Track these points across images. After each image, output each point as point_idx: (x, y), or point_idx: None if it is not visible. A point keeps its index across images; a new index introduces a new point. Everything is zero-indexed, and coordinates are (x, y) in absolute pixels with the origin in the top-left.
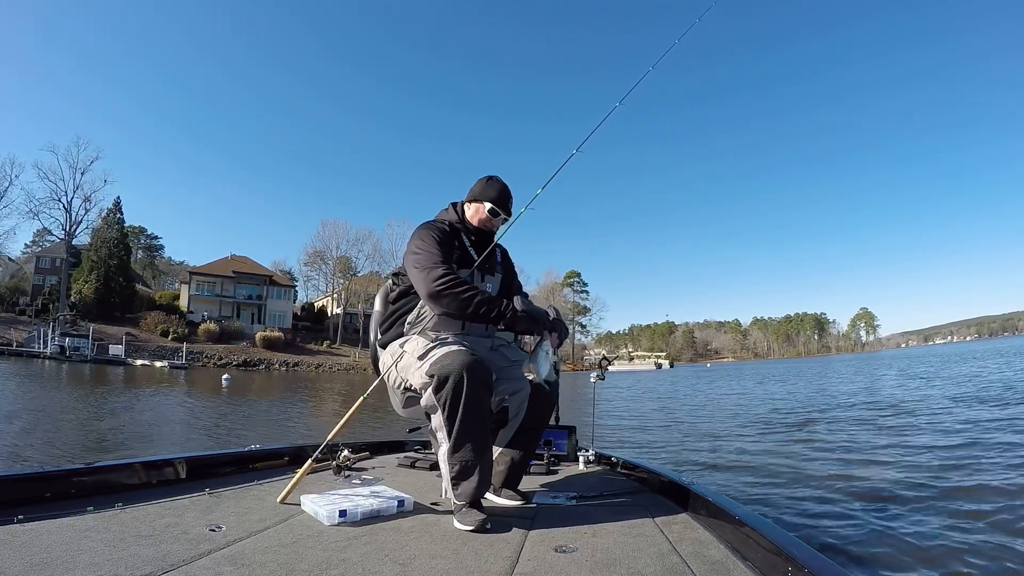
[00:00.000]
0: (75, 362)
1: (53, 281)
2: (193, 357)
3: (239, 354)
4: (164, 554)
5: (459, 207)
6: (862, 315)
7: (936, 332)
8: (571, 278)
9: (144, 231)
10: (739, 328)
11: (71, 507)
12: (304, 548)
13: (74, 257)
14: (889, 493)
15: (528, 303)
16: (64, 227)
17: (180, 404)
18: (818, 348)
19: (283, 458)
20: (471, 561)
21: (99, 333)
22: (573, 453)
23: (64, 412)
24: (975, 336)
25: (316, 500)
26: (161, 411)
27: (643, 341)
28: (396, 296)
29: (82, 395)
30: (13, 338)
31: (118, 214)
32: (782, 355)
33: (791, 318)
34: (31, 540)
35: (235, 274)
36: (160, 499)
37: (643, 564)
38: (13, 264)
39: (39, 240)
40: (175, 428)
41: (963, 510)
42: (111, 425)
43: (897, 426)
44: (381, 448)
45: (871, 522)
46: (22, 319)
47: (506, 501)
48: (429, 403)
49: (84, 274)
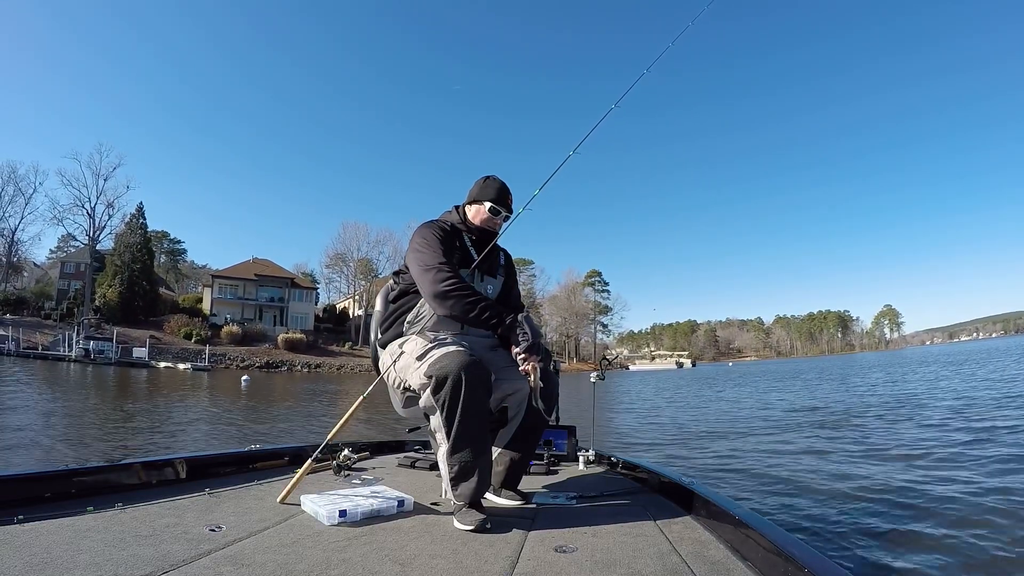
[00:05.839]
0: (100, 364)
1: (78, 286)
2: (216, 359)
3: (261, 356)
4: (164, 554)
5: (461, 209)
6: (886, 312)
7: (961, 329)
8: (592, 277)
9: (167, 235)
10: (762, 326)
11: (71, 507)
12: (304, 548)
13: (98, 262)
14: (890, 494)
15: (530, 320)
16: (88, 233)
17: (196, 408)
18: (841, 346)
19: (283, 458)
20: (471, 561)
21: (123, 336)
22: (573, 453)
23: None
24: (1001, 332)
25: (316, 500)
26: (176, 415)
27: (665, 340)
28: (396, 295)
29: (98, 400)
30: (39, 342)
31: (141, 219)
32: (805, 353)
33: (814, 316)
34: (31, 540)
35: (257, 277)
36: (160, 499)
37: (643, 564)
38: (39, 270)
39: (64, 246)
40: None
41: (964, 511)
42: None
43: (903, 426)
44: (381, 448)
45: (871, 522)
46: (48, 323)
47: (506, 501)
48: (428, 404)
49: (108, 278)
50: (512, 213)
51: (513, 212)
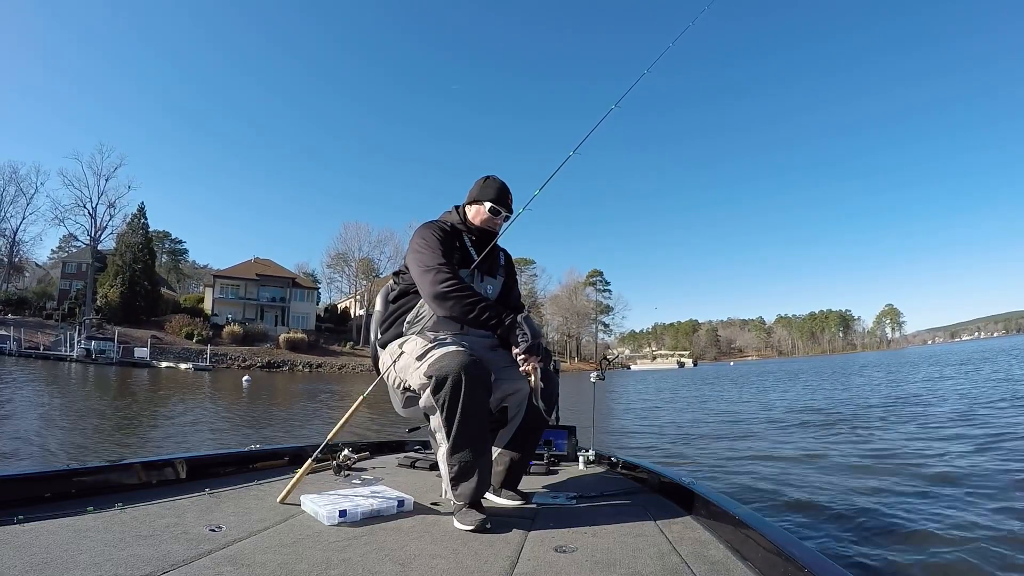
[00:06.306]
0: (101, 364)
1: (79, 286)
2: (217, 359)
3: (263, 356)
4: (164, 554)
5: (461, 209)
6: (887, 312)
7: (963, 328)
8: (593, 277)
9: (168, 235)
10: (763, 326)
11: (71, 507)
12: (304, 548)
13: (100, 262)
14: (891, 494)
15: (529, 320)
16: (89, 233)
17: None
18: (843, 346)
19: (283, 458)
20: (471, 561)
21: (124, 336)
22: (573, 453)
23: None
24: (1002, 332)
25: (316, 500)
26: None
27: (667, 340)
28: (396, 295)
29: (99, 400)
30: (41, 342)
31: (142, 219)
32: (806, 353)
33: (816, 315)
34: (31, 540)
35: (259, 277)
36: (160, 499)
37: (643, 564)
38: (40, 270)
39: (65, 246)
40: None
41: (966, 511)
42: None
43: (904, 427)
44: (381, 448)
45: (872, 522)
46: (49, 323)
47: (506, 501)
48: (428, 404)
49: (110, 278)
50: (512, 213)
51: (513, 212)
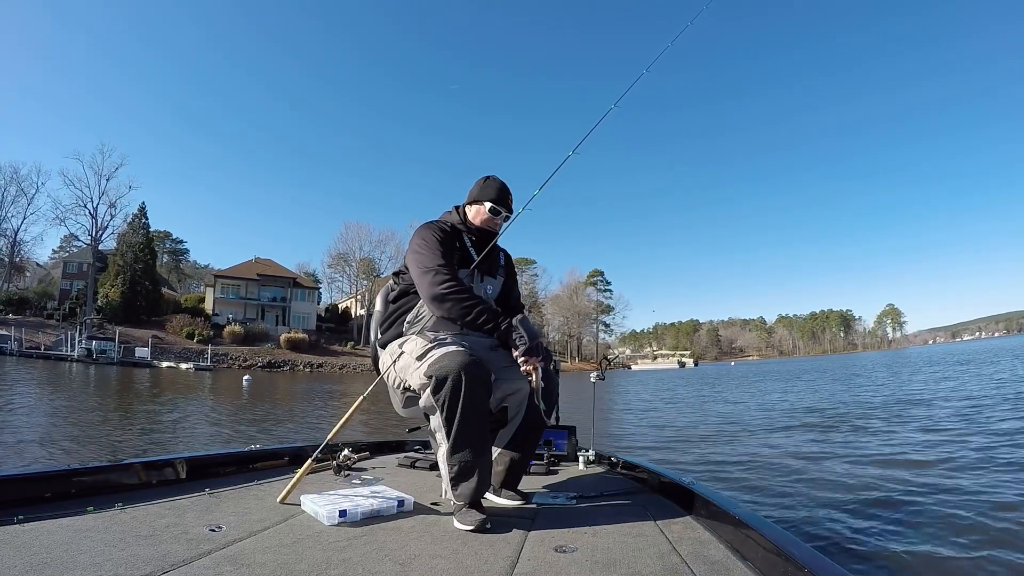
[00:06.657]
0: (102, 364)
1: (80, 286)
2: (218, 359)
3: (264, 356)
4: (164, 554)
5: (461, 209)
6: (888, 312)
7: (964, 328)
8: (594, 277)
9: (169, 235)
10: (764, 326)
11: (71, 507)
12: (304, 548)
13: (100, 262)
14: (891, 494)
15: (526, 322)
16: (90, 233)
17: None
18: (844, 345)
19: (283, 458)
20: (471, 561)
21: (125, 336)
22: (573, 453)
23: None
24: (1003, 332)
25: (316, 500)
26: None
27: (667, 339)
28: (396, 295)
29: (100, 400)
30: (42, 342)
31: (143, 219)
32: (807, 353)
33: (816, 315)
34: (31, 540)
35: (259, 277)
36: (160, 499)
37: (643, 564)
38: (41, 269)
39: (66, 246)
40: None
41: (967, 511)
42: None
43: (906, 427)
44: (381, 448)
45: (872, 522)
46: (50, 323)
47: (506, 501)
48: (428, 404)
49: (110, 278)
50: (512, 213)
51: (513, 212)
